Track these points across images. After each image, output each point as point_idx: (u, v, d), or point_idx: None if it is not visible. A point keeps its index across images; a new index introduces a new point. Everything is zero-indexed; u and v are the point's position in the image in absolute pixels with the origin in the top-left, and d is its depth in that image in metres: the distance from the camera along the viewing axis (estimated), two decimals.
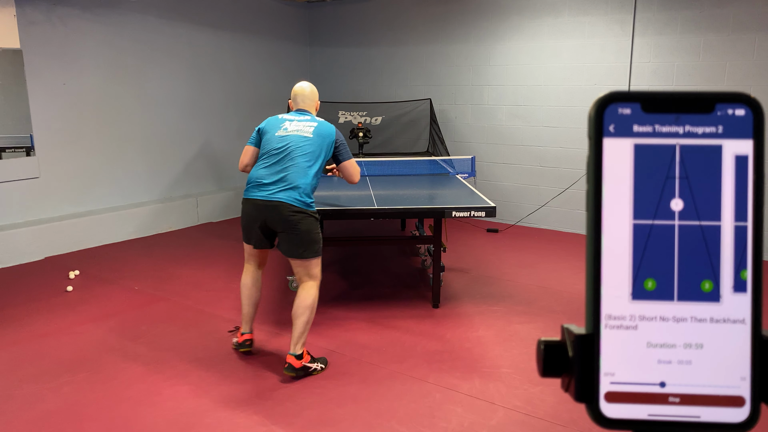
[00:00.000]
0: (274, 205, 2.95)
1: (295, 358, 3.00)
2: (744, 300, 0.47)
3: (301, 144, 3.04)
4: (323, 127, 3.13)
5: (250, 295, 3.25)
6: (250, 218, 3.06)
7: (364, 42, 7.37)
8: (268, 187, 2.99)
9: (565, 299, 4.20)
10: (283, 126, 3.12)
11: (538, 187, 6.33)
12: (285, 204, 2.94)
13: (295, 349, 3.00)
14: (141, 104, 6.06)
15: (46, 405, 2.80)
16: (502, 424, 2.65)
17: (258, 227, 3.06)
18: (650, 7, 5.44)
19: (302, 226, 2.97)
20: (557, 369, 0.49)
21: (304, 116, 3.17)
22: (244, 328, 3.28)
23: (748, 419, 0.46)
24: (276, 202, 2.95)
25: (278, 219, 2.96)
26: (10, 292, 4.32)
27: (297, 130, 3.08)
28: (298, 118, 3.15)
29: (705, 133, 0.47)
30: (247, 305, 3.26)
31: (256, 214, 3.01)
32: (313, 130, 3.09)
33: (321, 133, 3.10)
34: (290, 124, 3.12)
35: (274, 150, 3.05)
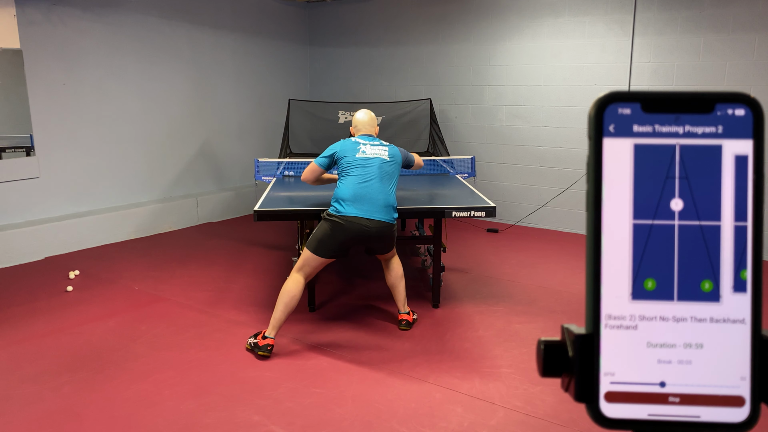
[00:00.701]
0: (375, 225, 3.31)
1: (407, 315, 3.65)
2: (744, 300, 0.47)
3: (384, 166, 3.41)
4: (393, 150, 3.52)
5: (289, 304, 3.28)
6: (346, 233, 3.28)
7: (364, 42, 7.37)
8: (368, 209, 3.30)
9: (565, 299, 4.20)
10: (360, 149, 3.43)
11: (538, 187, 6.33)
12: (385, 223, 3.34)
13: (405, 308, 3.66)
14: (141, 104, 6.06)
15: (46, 405, 2.80)
16: (502, 424, 2.65)
17: (347, 241, 3.30)
18: (650, 7, 5.44)
19: (392, 235, 3.45)
20: (557, 369, 0.49)
21: (374, 140, 3.50)
22: (270, 332, 3.28)
23: (748, 419, 0.46)
24: (378, 222, 3.31)
25: (377, 235, 3.34)
26: (10, 292, 4.32)
27: (376, 154, 3.43)
28: (371, 142, 3.47)
29: (705, 133, 0.47)
30: (283, 312, 3.27)
31: (355, 229, 3.27)
32: (388, 153, 3.47)
33: (394, 155, 3.50)
34: (365, 146, 3.44)
35: (364, 171, 3.36)
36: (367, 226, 3.30)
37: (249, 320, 3.81)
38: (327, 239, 3.30)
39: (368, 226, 3.30)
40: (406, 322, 3.63)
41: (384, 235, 3.38)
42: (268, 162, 5.03)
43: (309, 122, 6.90)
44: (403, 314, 3.65)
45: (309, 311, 3.95)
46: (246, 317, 3.86)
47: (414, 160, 3.76)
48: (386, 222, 3.36)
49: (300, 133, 6.67)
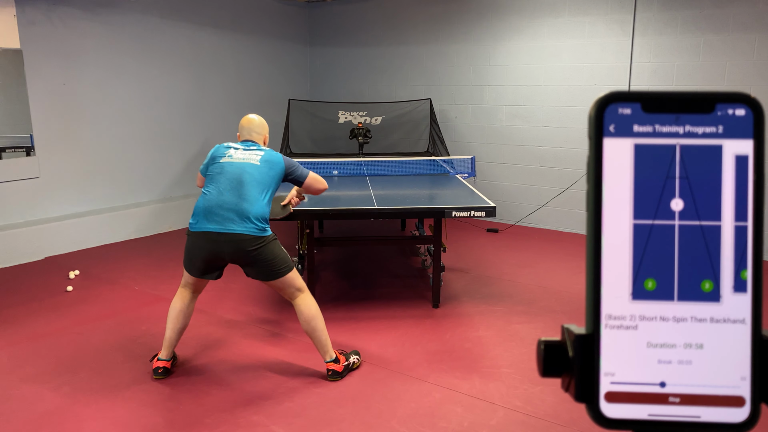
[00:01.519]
0: (230, 240, 2.81)
1: (334, 363, 3.03)
2: (744, 300, 0.47)
3: (250, 171, 2.93)
4: (271, 155, 3.04)
5: (176, 320, 3.03)
6: (202, 250, 2.87)
7: (364, 42, 7.37)
8: (220, 220, 2.83)
9: (565, 299, 4.20)
10: (227, 153, 3.00)
11: (538, 187, 6.33)
12: (240, 236, 2.81)
13: (329, 356, 3.03)
14: (141, 104, 6.06)
15: (45, 405, 2.80)
16: (502, 424, 2.65)
17: (206, 259, 2.90)
18: (650, 7, 5.44)
19: (264, 255, 2.86)
20: (557, 369, 0.49)
21: (251, 146, 3.07)
22: (162, 354, 3.05)
23: (748, 419, 0.46)
24: (232, 236, 2.81)
25: (237, 253, 2.84)
26: (10, 292, 4.32)
27: (244, 158, 2.97)
28: (243, 147, 3.05)
29: (705, 133, 0.47)
30: (171, 329, 3.03)
31: (209, 246, 2.85)
32: (261, 157, 3.00)
33: (269, 160, 3.01)
34: (235, 152, 3.01)
35: (221, 179, 2.92)
36: (217, 242, 2.82)
37: (249, 320, 3.81)
38: (188, 258, 2.95)
39: (218, 241, 2.82)
40: (333, 372, 3.02)
41: (249, 255, 2.83)
42: None
43: (309, 122, 6.90)
44: (329, 363, 3.03)
45: None
46: (246, 317, 3.86)
47: (306, 176, 3.13)
48: (243, 235, 2.81)
49: (300, 133, 6.67)
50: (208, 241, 2.84)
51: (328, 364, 3.03)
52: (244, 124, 3.18)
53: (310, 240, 3.89)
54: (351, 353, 3.18)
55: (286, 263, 2.95)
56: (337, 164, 5.24)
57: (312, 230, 3.89)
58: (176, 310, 3.04)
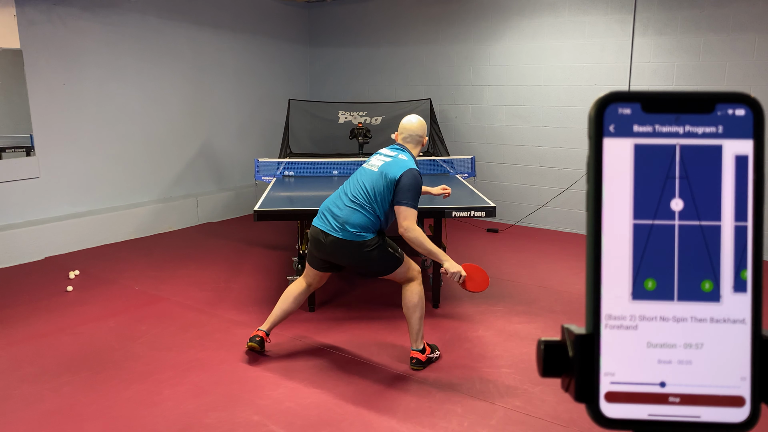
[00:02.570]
0: (330, 243, 2.98)
1: (419, 353, 3.13)
2: (744, 300, 0.47)
3: (362, 180, 3.02)
4: (395, 165, 2.95)
5: (286, 302, 3.22)
6: (315, 245, 3.07)
7: (364, 42, 7.37)
8: (327, 221, 3.01)
9: (565, 299, 4.20)
10: (370, 160, 3.11)
11: (538, 187, 6.32)
12: (341, 242, 2.95)
13: (417, 345, 3.13)
14: (141, 104, 6.06)
15: (46, 405, 2.80)
16: (502, 424, 2.65)
17: (321, 254, 3.08)
18: (650, 7, 5.44)
19: (370, 256, 2.97)
20: (557, 369, 0.49)
21: (391, 151, 3.07)
22: (264, 326, 3.25)
23: (748, 419, 0.46)
24: (332, 239, 2.97)
25: (339, 254, 3.00)
26: (10, 292, 4.32)
27: (373, 165, 3.05)
28: (386, 153, 3.07)
29: (705, 133, 0.47)
30: (280, 309, 3.23)
31: (319, 244, 3.03)
32: (383, 164, 2.98)
33: (387, 170, 2.95)
34: (378, 156, 3.10)
35: (350, 180, 3.09)
36: (323, 242, 3.00)
37: (249, 320, 3.81)
38: (309, 250, 3.17)
39: (323, 241, 3.00)
40: (416, 360, 3.12)
41: (351, 255, 2.96)
42: (268, 162, 5.04)
43: (309, 122, 6.90)
44: (414, 351, 3.14)
45: (309, 311, 3.95)
46: (246, 317, 3.86)
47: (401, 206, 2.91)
48: (343, 240, 2.94)
49: (300, 133, 6.67)
50: (318, 239, 3.03)
51: (414, 352, 3.14)
52: (403, 124, 3.14)
53: None
54: (435, 347, 3.28)
55: (392, 261, 3.02)
56: (337, 164, 5.24)
57: None
58: (290, 293, 3.23)
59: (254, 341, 3.21)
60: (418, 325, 3.09)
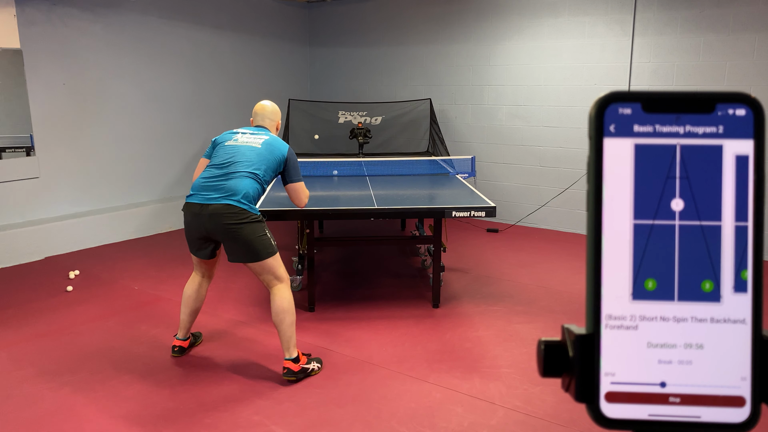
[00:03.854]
0: (211, 213, 2.85)
1: (292, 362, 2.97)
2: (744, 300, 0.47)
3: (247, 153, 3.00)
4: (275, 141, 3.07)
5: (187, 304, 3.22)
6: (190, 227, 2.97)
7: (364, 42, 7.37)
8: (207, 193, 2.90)
9: (565, 299, 4.20)
10: (234, 137, 3.09)
11: (538, 187, 6.33)
12: (221, 206, 2.84)
13: (289, 353, 2.97)
14: (141, 104, 6.06)
15: (45, 405, 2.80)
16: (502, 424, 2.65)
17: (195, 234, 2.97)
18: (650, 7, 5.44)
19: (245, 233, 2.86)
20: (557, 369, 0.49)
21: (257, 131, 3.14)
22: (179, 334, 3.28)
23: (749, 419, 0.46)
24: (213, 207, 2.85)
25: (217, 227, 2.86)
26: (10, 292, 4.32)
27: (246, 142, 3.05)
28: (251, 131, 3.13)
29: (705, 133, 0.47)
30: (183, 312, 3.23)
31: (196, 222, 2.92)
32: (263, 141, 3.05)
33: (271, 145, 3.04)
34: (242, 136, 3.09)
35: (220, 159, 3.00)
36: (200, 214, 2.87)
37: (249, 320, 3.81)
38: (186, 235, 3.04)
39: (201, 214, 2.87)
40: (288, 370, 2.96)
41: (224, 225, 2.83)
42: None
43: (309, 122, 6.90)
44: (286, 361, 2.97)
45: (309, 311, 3.95)
46: (246, 317, 3.86)
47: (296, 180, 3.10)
48: (226, 205, 2.83)
49: (300, 133, 6.67)
50: (193, 215, 2.92)
51: (286, 362, 2.97)
52: (257, 110, 3.24)
53: (310, 240, 3.89)
54: (314, 359, 3.12)
55: (268, 248, 2.93)
56: (337, 164, 5.24)
57: (312, 230, 3.89)
58: (186, 294, 3.23)
59: (176, 353, 3.26)
60: (289, 331, 2.94)
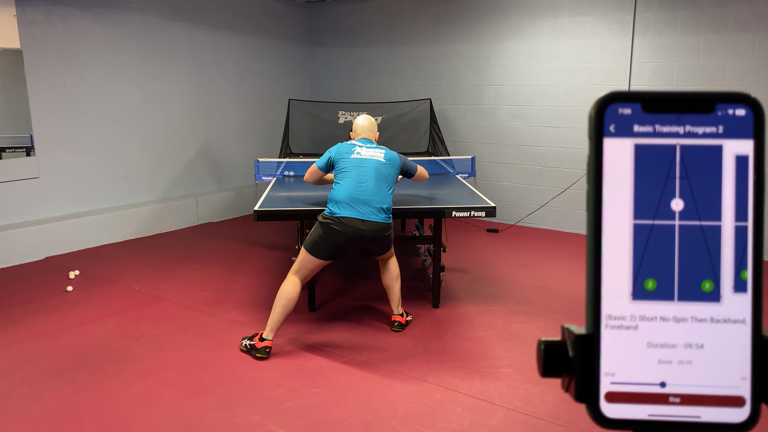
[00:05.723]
0: (371, 227, 3.31)
1: (400, 317, 3.62)
2: (744, 300, 0.47)
3: (380, 168, 3.40)
4: (390, 153, 3.51)
5: (287, 306, 3.27)
6: (340, 235, 3.27)
7: (364, 42, 7.37)
8: (364, 210, 3.30)
9: (565, 299, 4.19)
10: (355, 150, 3.45)
11: (538, 187, 6.32)
12: (380, 225, 3.33)
13: (399, 310, 3.63)
14: (141, 104, 6.06)
15: (45, 405, 2.80)
16: (502, 424, 2.65)
17: (343, 243, 3.29)
18: (650, 7, 5.44)
19: (389, 238, 3.45)
20: (557, 369, 0.49)
21: (370, 144, 3.51)
22: (268, 335, 3.26)
23: (749, 419, 0.46)
24: (372, 224, 3.31)
25: (372, 237, 3.33)
26: (10, 292, 4.32)
27: (371, 155, 3.43)
28: (366, 145, 3.49)
29: (705, 133, 0.47)
30: (280, 314, 3.26)
31: (350, 231, 3.27)
32: (384, 155, 3.46)
33: (391, 158, 3.48)
34: (361, 149, 3.46)
35: (357, 172, 3.36)
36: (361, 229, 3.29)
37: (249, 320, 3.81)
38: (323, 241, 3.30)
39: (362, 228, 3.29)
40: (398, 323, 3.62)
41: (379, 237, 3.37)
42: (268, 162, 5.03)
43: (309, 122, 6.90)
44: (396, 315, 3.64)
45: (309, 311, 3.95)
46: (246, 317, 3.86)
47: (415, 170, 3.67)
48: (381, 223, 3.35)
49: (300, 133, 6.67)
50: (350, 227, 3.27)
51: (395, 316, 3.63)
52: (360, 124, 3.62)
53: None
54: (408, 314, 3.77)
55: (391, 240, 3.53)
56: None
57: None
58: (289, 296, 3.29)
59: (267, 354, 3.26)
60: (399, 292, 3.64)
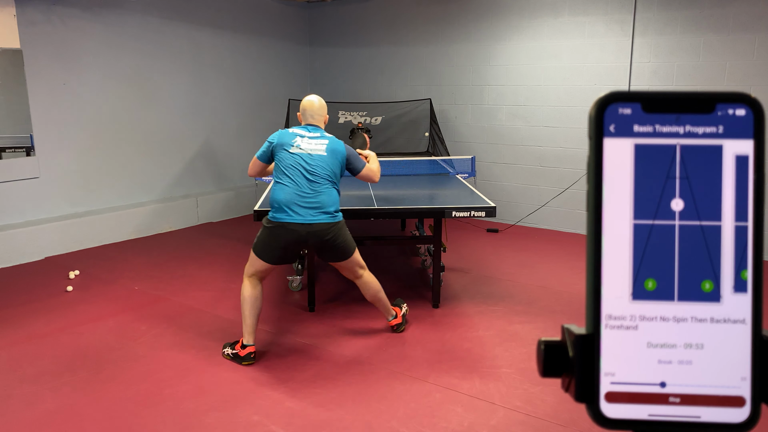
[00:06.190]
0: (311, 230, 3.11)
1: (395, 319, 3.56)
2: (744, 300, 0.47)
3: (321, 164, 3.17)
4: (335, 144, 3.25)
5: (253, 307, 3.22)
6: (282, 240, 3.13)
7: (364, 42, 7.37)
8: (302, 212, 3.10)
9: (565, 299, 4.19)
10: (295, 143, 3.20)
11: (538, 187, 6.32)
12: (321, 225, 3.12)
13: (391, 314, 3.56)
14: (141, 104, 6.06)
15: (46, 405, 2.80)
16: (502, 424, 2.65)
17: (286, 247, 3.16)
18: (650, 7, 5.44)
19: (338, 239, 3.19)
20: (557, 369, 0.49)
21: (314, 132, 3.26)
22: (248, 340, 3.22)
23: (749, 419, 0.46)
24: (313, 226, 3.11)
25: (316, 241, 3.15)
26: (10, 292, 4.32)
27: (312, 150, 3.19)
28: (309, 135, 3.24)
29: (705, 133, 0.47)
30: (251, 317, 3.22)
31: (292, 236, 3.12)
32: (326, 147, 3.21)
33: (334, 149, 3.23)
34: (302, 141, 3.21)
35: (296, 171, 3.15)
36: (303, 233, 3.11)
37: None
38: (267, 246, 3.18)
39: (304, 233, 3.11)
40: (396, 325, 3.58)
41: (327, 240, 3.15)
42: None
43: None
44: (391, 320, 3.58)
45: (309, 311, 3.95)
46: None
47: (362, 167, 3.36)
48: (323, 224, 3.13)
49: None
50: (291, 232, 3.11)
51: (390, 322, 3.57)
52: (306, 106, 3.33)
53: None
54: (397, 303, 3.68)
55: (353, 245, 3.29)
56: None
57: None
58: (252, 297, 3.24)
59: (253, 359, 3.21)
60: (384, 300, 3.46)
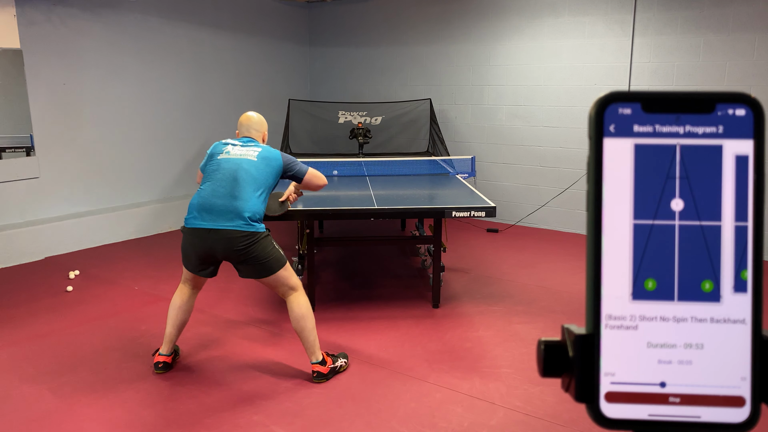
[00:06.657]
0: (220, 237, 2.81)
1: (319, 365, 3.00)
2: (744, 300, 0.47)
3: (246, 168, 2.92)
4: (268, 152, 3.02)
5: (175, 317, 3.06)
6: (195, 247, 2.88)
7: (364, 42, 7.37)
8: (212, 217, 2.84)
9: (565, 299, 4.19)
10: (225, 150, 3.01)
11: (538, 187, 6.32)
12: (231, 232, 2.80)
13: (316, 357, 2.99)
14: (141, 104, 6.06)
15: (45, 405, 2.79)
16: (502, 424, 2.65)
17: (201, 256, 2.90)
18: (650, 7, 5.44)
19: (255, 252, 2.84)
20: (557, 369, 0.49)
21: (248, 143, 3.08)
22: (163, 349, 3.09)
23: (749, 419, 0.46)
24: (223, 232, 2.81)
25: (228, 251, 2.83)
26: (10, 292, 4.32)
27: (241, 155, 2.97)
28: (241, 144, 3.06)
29: (705, 133, 0.47)
30: (171, 325, 3.06)
31: (201, 243, 2.85)
32: (258, 153, 2.99)
33: (267, 156, 2.99)
34: (233, 148, 3.02)
35: (220, 176, 2.92)
36: (208, 239, 2.83)
37: (248, 320, 3.81)
38: (184, 253, 2.97)
39: (209, 238, 2.83)
40: (318, 374, 2.99)
41: (236, 249, 2.81)
42: None
43: (309, 122, 6.90)
44: (314, 364, 3.00)
45: None
46: (246, 317, 3.86)
47: (304, 174, 3.11)
48: (234, 231, 2.80)
49: (300, 133, 6.68)
50: (200, 238, 2.85)
51: (313, 365, 2.99)
52: (242, 121, 3.21)
53: (309, 240, 3.89)
54: (339, 356, 3.14)
55: (278, 261, 2.92)
56: (337, 164, 5.24)
57: (312, 230, 3.89)
58: (176, 306, 3.08)
59: (160, 369, 3.08)
60: (311, 336, 2.96)
